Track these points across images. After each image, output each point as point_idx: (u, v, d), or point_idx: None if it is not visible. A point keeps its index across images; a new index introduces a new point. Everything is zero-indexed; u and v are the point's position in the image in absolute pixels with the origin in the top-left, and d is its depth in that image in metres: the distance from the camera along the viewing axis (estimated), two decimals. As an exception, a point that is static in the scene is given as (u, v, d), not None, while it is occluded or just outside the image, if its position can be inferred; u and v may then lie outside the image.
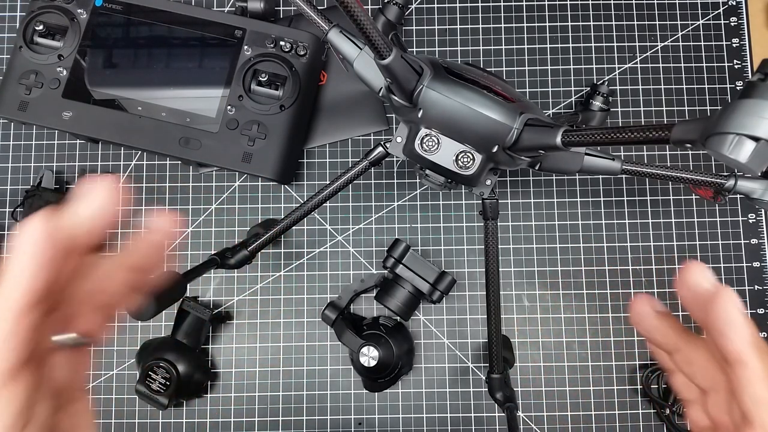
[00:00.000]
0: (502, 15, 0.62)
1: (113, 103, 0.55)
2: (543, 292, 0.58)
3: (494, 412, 0.57)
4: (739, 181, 0.45)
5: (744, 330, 0.23)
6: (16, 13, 0.62)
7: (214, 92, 0.55)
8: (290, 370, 0.57)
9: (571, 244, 0.59)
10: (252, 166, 0.55)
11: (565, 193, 0.59)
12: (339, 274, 0.59)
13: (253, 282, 0.59)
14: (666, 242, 0.59)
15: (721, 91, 0.60)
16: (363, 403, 0.57)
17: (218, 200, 0.60)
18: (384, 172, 0.60)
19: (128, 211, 0.59)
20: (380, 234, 0.59)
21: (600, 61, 0.61)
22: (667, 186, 0.59)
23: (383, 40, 0.33)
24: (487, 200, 0.45)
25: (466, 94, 0.38)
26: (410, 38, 0.61)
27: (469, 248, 0.59)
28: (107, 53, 0.56)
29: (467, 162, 0.40)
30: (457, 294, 0.58)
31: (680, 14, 0.62)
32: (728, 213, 0.59)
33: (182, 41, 0.56)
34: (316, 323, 0.58)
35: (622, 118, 0.61)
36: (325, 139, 0.60)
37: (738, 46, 0.61)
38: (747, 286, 0.58)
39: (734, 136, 0.25)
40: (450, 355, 0.58)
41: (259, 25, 0.56)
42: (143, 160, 0.60)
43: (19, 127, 0.60)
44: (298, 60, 0.55)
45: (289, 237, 0.59)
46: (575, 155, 0.45)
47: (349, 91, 0.60)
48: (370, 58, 0.42)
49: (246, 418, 0.57)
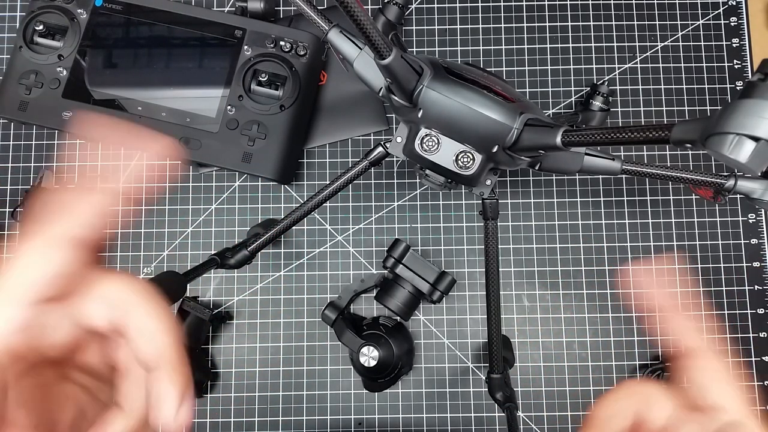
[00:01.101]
0: (502, 15, 0.62)
1: (113, 103, 0.55)
2: (543, 292, 0.58)
3: (494, 412, 0.57)
4: (739, 181, 0.45)
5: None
6: (16, 13, 0.62)
7: (214, 92, 0.55)
8: (290, 370, 0.57)
9: (571, 244, 0.59)
10: (252, 166, 0.55)
11: (565, 193, 0.59)
12: (339, 274, 0.59)
13: (253, 282, 0.59)
14: (666, 242, 0.59)
15: (721, 91, 0.60)
16: (363, 403, 0.57)
17: (218, 200, 0.60)
18: (384, 172, 0.60)
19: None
20: (380, 234, 0.59)
21: (600, 61, 0.61)
22: (667, 186, 0.59)
23: (383, 40, 0.33)
24: (487, 200, 0.45)
25: (466, 94, 0.38)
26: (410, 38, 0.61)
27: (469, 248, 0.59)
28: (107, 53, 0.56)
29: (467, 162, 0.40)
30: (457, 294, 0.58)
31: (680, 14, 0.62)
32: (728, 213, 0.59)
33: (182, 41, 0.56)
34: (316, 323, 0.58)
35: (622, 118, 0.61)
36: (325, 139, 0.60)
37: (738, 46, 0.61)
38: (747, 286, 0.58)
39: (734, 136, 0.25)
40: (450, 355, 0.58)
41: (259, 25, 0.56)
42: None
43: (19, 127, 0.60)
44: (298, 60, 0.55)
45: (289, 237, 0.59)
46: (575, 155, 0.45)
47: (349, 91, 0.60)
48: (370, 58, 0.42)
49: (246, 418, 0.57)
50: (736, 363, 0.57)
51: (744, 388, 0.24)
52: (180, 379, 0.21)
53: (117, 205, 0.23)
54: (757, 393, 0.57)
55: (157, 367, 0.21)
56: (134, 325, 0.21)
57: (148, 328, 0.21)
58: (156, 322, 0.22)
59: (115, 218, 0.23)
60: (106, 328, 0.22)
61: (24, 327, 0.21)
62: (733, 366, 0.25)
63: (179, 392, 0.21)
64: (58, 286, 0.21)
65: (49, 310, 0.21)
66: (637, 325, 0.58)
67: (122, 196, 0.22)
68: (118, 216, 0.23)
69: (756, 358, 0.57)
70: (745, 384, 0.57)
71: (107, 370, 0.24)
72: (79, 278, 0.22)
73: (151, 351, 0.21)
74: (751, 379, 0.57)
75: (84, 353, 0.23)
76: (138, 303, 0.22)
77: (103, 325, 0.22)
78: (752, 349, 0.57)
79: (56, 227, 0.21)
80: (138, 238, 0.59)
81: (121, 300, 0.22)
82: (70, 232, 0.21)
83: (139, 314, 0.22)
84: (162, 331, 0.21)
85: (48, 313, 0.21)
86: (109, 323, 0.22)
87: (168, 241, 0.59)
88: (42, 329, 0.21)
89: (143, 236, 0.59)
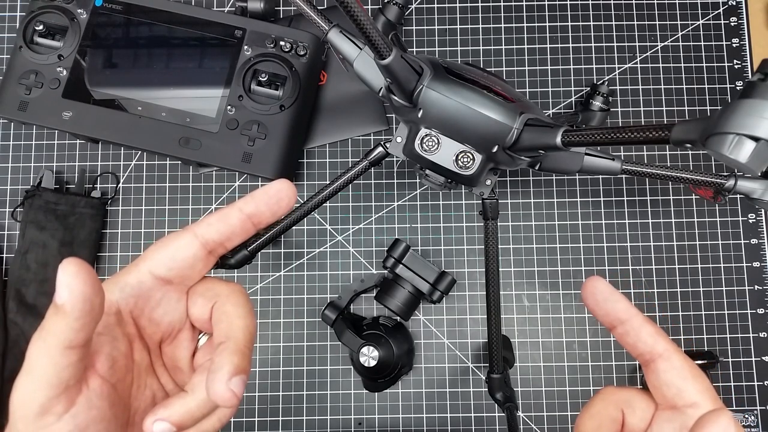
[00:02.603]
0: (502, 15, 0.62)
1: (113, 103, 0.55)
2: (543, 292, 0.58)
3: (494, 412, 0.57)
4: (739, 181, 0.45)
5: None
6: (16, 13, 0.62)
7: (214, 92, 0.55)
8: (290, 370, 0.57)
9: (571, 244, 0.59)
10: (252, 166, 0.55)
11: (565, 193, 0.59)
12: (339, 274, 0.59)
13: (253, 282, 0.59)
14: (666, 242, 0.59)
15: (721, 91, 0.60)
16: (363, 403, 0.57)
17: (218, 200, 0.60)
18: (384, 172, 0.60)
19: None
20: (380, 234, 0.59)
21: (600, 61, 0.61)
22: (667, 186, 0.59)
23: (383, 40, 0.33)
24: (487, 200, 0.45)
25: (466, 94, 0.38)
26: (410, 38, 0.61)
27: (469, 248, 0.59)
28: (107, 53, 0.56)
29: (467, 162, 0.40)
30: (457, 294, 0.58)
31: (680, 14, 0.62)
32: (728, 213, 0.59)
33: (182, 41, 0.56)
34: (316, 323, 0.58)
35: (622, 118, 0.61)
36: (325, 139, 0.60)
37: (738, 46, 0.61)
38: (747, 286, 0.58)
39: (734, 136, 0.25)
40: (450, 355, 0.58)
41: (259, 25, 0.56)
42: (143, 160, 0.60)
43: (19, 127, 0.60)
44: (298, 60, 0.55)
45: (289, 237, 0.59)
46: (575, 155, 0.45)
47: (349, 91, 0.60)
48: (370, 58, 0.42)
49: (246, 418, 0.57)
50: (735, 363, 0.57)
51: (710, 380, 0.25)
52: (240, 357, 0.22)
53: (244, 226, 0.25)
54: (757, 393, 0.57)
55: (224, 342, 0.23)
56: (218, 307, 0.24)
57: (227, 310, 0.24)
58: (236, 308, 0.24)
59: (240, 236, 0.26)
60: (203, 321, 0.25)
61: (139, 293, 0.24)
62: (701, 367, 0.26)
63: (236, 365, 0.22)
64: (180, 273, 0.25)
65: (165, 289, 0.25)
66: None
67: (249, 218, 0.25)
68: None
69: (756, 358, 0.57)
70: (746, 384, 0.57)
71: (187, 367, 0.26)
72: (198, 274, 0.25)
73: (223, 329, 0.24)
74: (751, 379, 0.57)
75: (176, 343, 0.26)
76: (228, 292, 0.25)
77: (203, 317, 0.25)
78: (752, 349, 0.57)
79: (198, 227, 0.25)
80: (138, 238, 0.59)
81: (217, 292, 0.25)
82: (207, 233, 0.25)
83: (224, 299, 0.25)
84: (238, 316, 0.24)
85: (162, 291, 0.25)
86: (206, 316, 0.25)
87: (168, 241, 0.59)
88: (153, 302, 0.25)
89: (143, 236, 0.59)
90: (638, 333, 0.26)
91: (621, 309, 0.26)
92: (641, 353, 0.26)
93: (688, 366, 0.25)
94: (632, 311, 0.26)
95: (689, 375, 0.25)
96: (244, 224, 0.25)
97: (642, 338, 0.26)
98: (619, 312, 0.26)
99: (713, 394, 0.25)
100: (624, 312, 0.26)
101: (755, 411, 0.57)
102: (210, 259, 0.25)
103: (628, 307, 0.26)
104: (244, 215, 0.25)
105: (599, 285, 0.26)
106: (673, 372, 0.25)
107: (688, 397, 0.24)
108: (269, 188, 0.25)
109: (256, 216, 0.25)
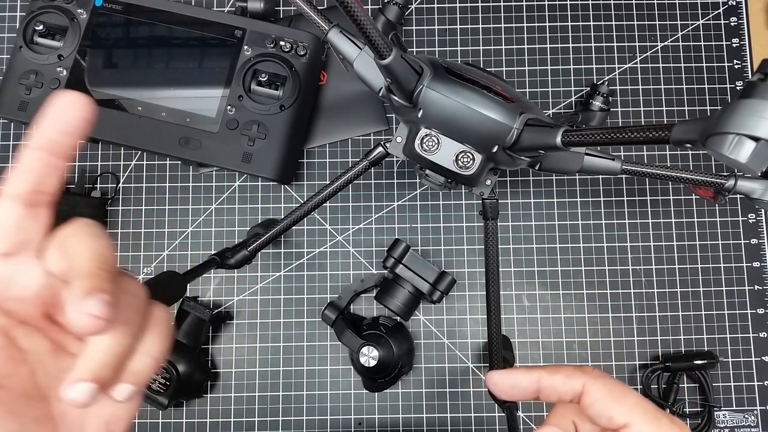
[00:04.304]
0: (502, 15, 0.62)
1: (113, 103, 0.55)
2: (543, 292, 0.58)
3: (494, 412, 0.57)
4: (739, 181, 0.45)
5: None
6: (16, 13, 0.62)
7: (214, 92, 0.55)
8: (290, 370, 0.57)
9: (571, 244, 0.59)
10: (252, 166, 0.55)
11: (565, 193, 0.59)
12: (339, 274, 0.59)
13: (253, 282, 0.59)
14: (666, 242, 0.59)
15: (721, 91, 0.60)
16: (363, 403, 0.57)
17: (218, 200, 0.60)
18: (384, 172, 0.60)
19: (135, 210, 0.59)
20: (380, 234, 0.59)
21: (600, 61, 0.61)
22: (667, 186, 0.59)
23: (383, 40, 0.33)
24: (487, 200, 0.45)
25: (466, 94, 0.38)
26: (410, 38, 0.61)
27: (469, 248, 0.59)
28: (107, 53, 0.56)
29: (467, 162, 0.40)
30: (457, 294, 0.58)
31: (680, 14, 0.62)
32: (728, 213, 0.59)
33: (182, 41, 0.56)
34: (316, 323, 0.58)
35: (622, 118, 0.61)
36: (325, 139, 0.60)
37: (738, 46, 0.61)
38: (747, 286, 0.58)
39: (734, 136, 0.25)
40: (450, 355, 0.58)
41: (259, 25, 0.56)
42: (143, 160, 0.60)
43: (19, 127, 0.60)
44: (298, 60, 0.55)
45: (289, 237, 0.59)
46: (575, 155, 0.45)
47: (349, 91, 0.60)
48: (370, 58, 0.42)
49: (246, 418, 0.57)
50: (735, 363, 0.57)
51: (639, 393, 0.26)
52: (88, 278, 0.20)
53: (48, 162, 0.22)
54: (757, 393, 0.57)
55: (69, 272, 0.21)
56: (63, 249, 0.21)
57: (68, 245, 0.21)
58: (77, 238, 0.21)
59: (63, 173, 0.23)
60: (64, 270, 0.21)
61: None
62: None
63: (84, 288, 0.19)
64: (13, 240, 0.22)
65: (8, 262, 0.22)
66: (638, 325, 0.58)
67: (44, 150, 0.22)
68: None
69: (756, 358, 0.57)
70: (746, 384, 0.57)
71: None
72: (35, 233, 0.22)
73: (68, 262, 0.21)
74: (751, 379, 0.57)
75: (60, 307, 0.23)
76: (69, 230, 0.22)
77: (62, 267, 0.21)
78: (752, 349, 0.57)
79: (4, 188, 0.22)
80: (138, 238, 0.59)
81: (62, 238, 0.22)
82: (14, 189, 0.22)
83: (66, 240, 0.21)
84: (80, 244, 0.21)
85: (7, 266, 0.22)
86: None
87: (168, 241, 0.59)
88: (2, 283, 0.22)
89: (143, 236, 0.59)
90: (554, 387, 0.26)
91: (525, 382, 0.27)
92: (570, 399, 0.27)
93: (608, 390, 0.26)
94: (534, 375, 0.27)
95: (612, 400, 0.25)
96: (44, 160, 0.22)
97: (559, 389, 0.26)
98: (526, 385, 0.27)
99: (643, 407, 0.25)
100: (529, 382, 0.27)
101: (755, 411, 0.57)
102: (39, 212, 0.22)
103: (529, 374, 0.27)
104: (39, 151, 0.22)
105: (495, 378, 0.28)
106: (596, 405, 0.26)
107: (618, 421, 0.25)
108: (48, 111, 0.22)
109: (51, 144, 0.22)
